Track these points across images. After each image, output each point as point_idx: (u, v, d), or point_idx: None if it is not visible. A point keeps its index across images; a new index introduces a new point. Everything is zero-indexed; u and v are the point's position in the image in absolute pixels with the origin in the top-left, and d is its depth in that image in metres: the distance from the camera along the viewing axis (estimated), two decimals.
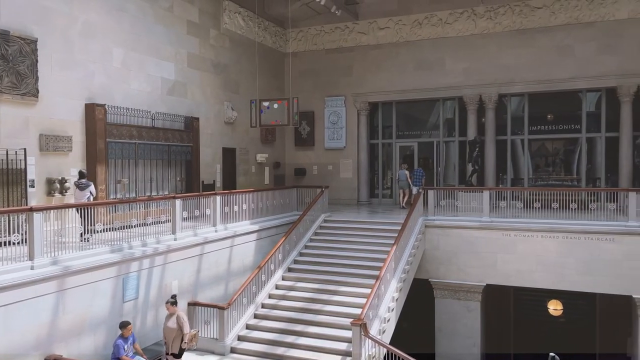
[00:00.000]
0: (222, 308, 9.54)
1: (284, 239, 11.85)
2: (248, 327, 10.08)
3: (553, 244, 11.71)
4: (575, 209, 11.82)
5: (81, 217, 8.54)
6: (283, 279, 11.52)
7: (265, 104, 13.24)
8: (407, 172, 16.01)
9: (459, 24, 16.41)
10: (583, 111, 15.79)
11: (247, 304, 10.27)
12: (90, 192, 9.48)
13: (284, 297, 10.96)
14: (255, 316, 10.37)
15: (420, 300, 12.98)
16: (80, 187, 9.43)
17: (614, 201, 12.04)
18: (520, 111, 16.56)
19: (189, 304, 9.66)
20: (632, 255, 11.07)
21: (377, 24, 17.45)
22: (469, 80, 16.38)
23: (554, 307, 15.02)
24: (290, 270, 11.82)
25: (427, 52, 16.89)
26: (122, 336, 7.83)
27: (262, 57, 16.52)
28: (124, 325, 7.87)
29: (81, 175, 9.62)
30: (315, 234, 13.09)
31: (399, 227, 11.63)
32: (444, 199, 13.43)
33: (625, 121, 14.91)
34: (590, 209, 11.85)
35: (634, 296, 11.19)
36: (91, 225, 8.60)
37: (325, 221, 13.57)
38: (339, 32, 17.99)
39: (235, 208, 11.70)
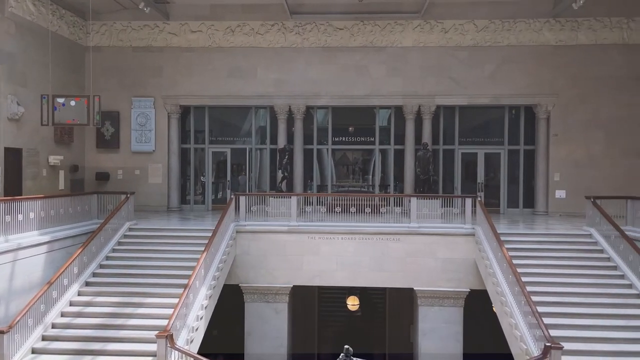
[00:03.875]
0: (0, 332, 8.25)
1: (80, 250, 10.79)
2: (34, 351, 8.93)
3: (351, 245, 12.84)
4: (369, 212, 13.17)
5: None
6: (79, 294, 10.48)
7: (60, 100, 11.87)
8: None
9: (270, 35, 17.02)
10: (377, 125, 17.75)
11: (33, 325, 9.08)
12: None
13: (79, 314, 9.97)
14: (44, 338, 9.23)
15: (230, 306, 13.02)
16: None
17: (400, 205, 13.78)
18: (326, 123, 17.89)
19: None
20: (412, 252, 12.74)
21: (188, 27, 17.07)
22: (279, 91, 17.10)
23: (352, 303, 16.50)
24: (88, 284, 10.81)
25: (240, 60, 17.13)
26: None
27: (57, 49, 14.79)
28: None
29: None
30: (119, 243, 12.20)
31: (210, 234, 11.51)
32: (255, 204, 13.76)
33: (409, 136, 17.20)
34: (382, 213, 13.36)
35: (414, 288, 12.87)
36: None
37: (130, 229, 12.73)
38: (148, 30, 17.13)
39: (20, 217, 10.24)
